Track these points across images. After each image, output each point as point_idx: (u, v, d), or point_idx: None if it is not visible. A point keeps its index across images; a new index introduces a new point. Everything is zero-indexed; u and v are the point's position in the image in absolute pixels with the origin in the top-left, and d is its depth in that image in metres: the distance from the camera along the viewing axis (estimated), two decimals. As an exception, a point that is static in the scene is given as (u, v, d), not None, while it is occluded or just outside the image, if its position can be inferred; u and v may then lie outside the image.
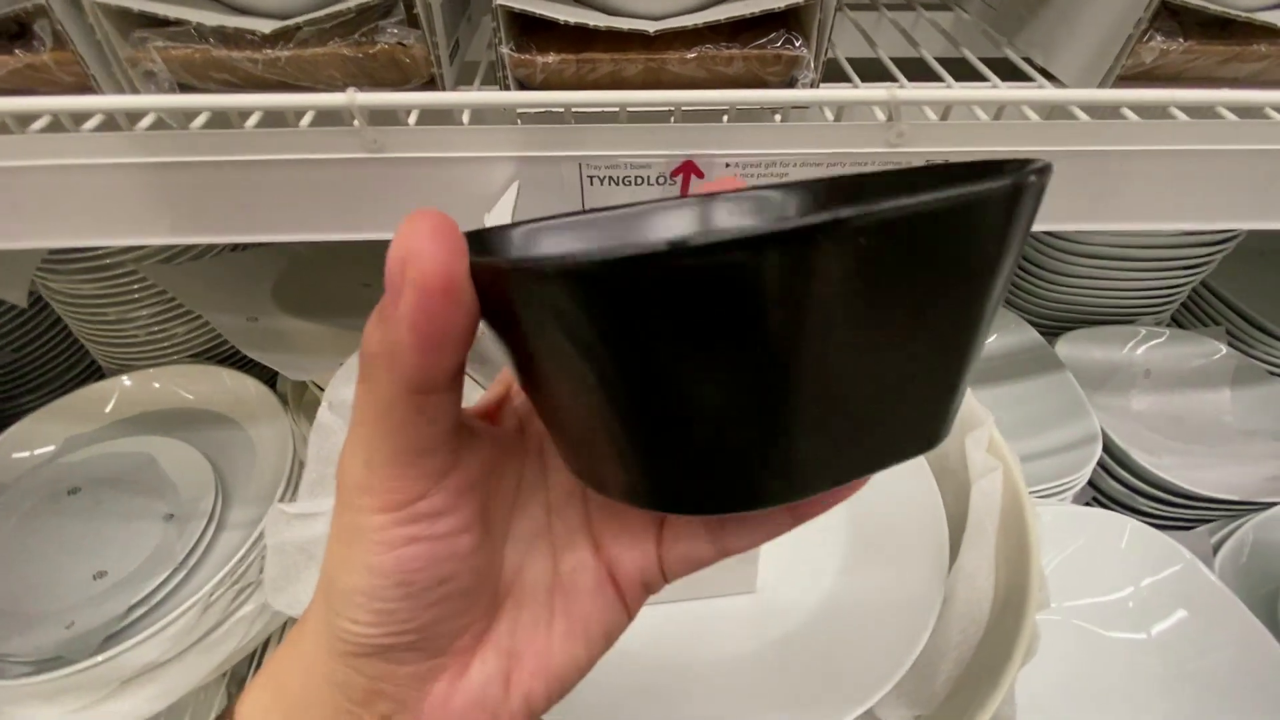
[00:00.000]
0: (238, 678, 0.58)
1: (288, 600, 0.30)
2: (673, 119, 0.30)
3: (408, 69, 0.30)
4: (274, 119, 0.30)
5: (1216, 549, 0.54)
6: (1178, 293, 0.69)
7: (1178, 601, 0.47)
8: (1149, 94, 0.29)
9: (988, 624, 0.32)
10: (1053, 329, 0.69)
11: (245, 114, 0.30)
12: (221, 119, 0.31)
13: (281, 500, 0.47)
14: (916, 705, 0.29)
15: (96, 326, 0.60)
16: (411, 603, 0.13)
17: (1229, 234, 0.63)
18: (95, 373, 0.67)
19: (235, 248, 0.62)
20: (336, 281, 0.65)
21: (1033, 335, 0.64)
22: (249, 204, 0.30)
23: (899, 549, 0.36)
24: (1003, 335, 0.65)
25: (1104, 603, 0.48)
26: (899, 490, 0.39)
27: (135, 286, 0.58)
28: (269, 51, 0.29)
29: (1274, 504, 0.55)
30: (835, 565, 0.36)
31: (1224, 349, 0.68)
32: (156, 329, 0.61)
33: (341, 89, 0.28)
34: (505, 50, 0.28)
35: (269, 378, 0.60)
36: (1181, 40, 0.31)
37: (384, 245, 0.12)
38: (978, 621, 0.31)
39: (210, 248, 0.59)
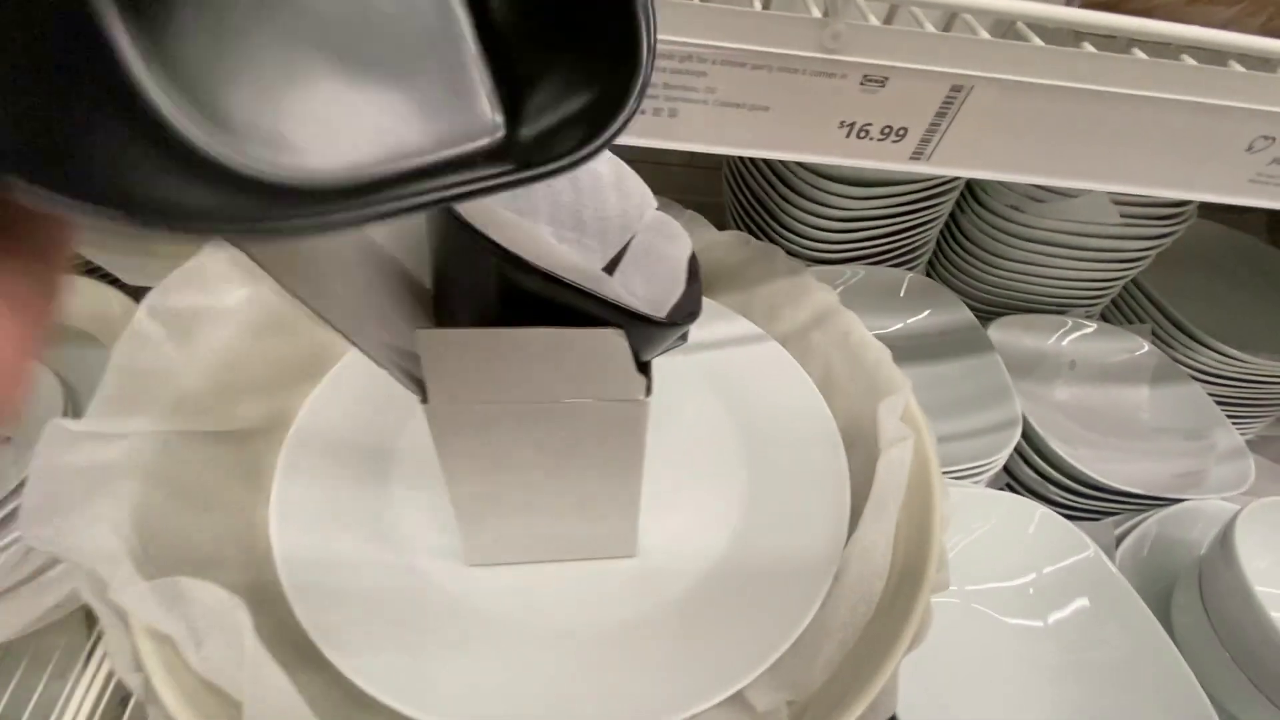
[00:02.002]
0: (95, 617, 0.52)
1: (50, 534, 0.24)
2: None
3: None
4: None
5: (1119, 540, 0.54)
6: (1111, 286, 0.69)
7: (1077, 591, 0.46)
8: (1120, 20, 0.26)
9: (879, 604, 0.29)
10: (986, 313, 0.67)
11: None
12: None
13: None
14: (791, 689, 0.26)
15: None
16: None
17: (1169, 229, 0.62)
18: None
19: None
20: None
21: (967, 315, 0.62)
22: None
23: (796, 516, 0.33)
24: (937, 313, 0.62)
25: (1005, 588, 0.47)
26: (804, 459, 0.35)
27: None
28: None
29: (1179, 500, 0.55)
30: (726, 531, 0.33)
31: (1147, 346, 0.68)
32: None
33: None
34: None
35: (138, 294, 0.52)
36: (1155, -33, 0.27)
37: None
38: (869, 600, 0.28)
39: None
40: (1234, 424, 0.62)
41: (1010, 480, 0.60)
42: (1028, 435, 0.56)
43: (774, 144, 0.28)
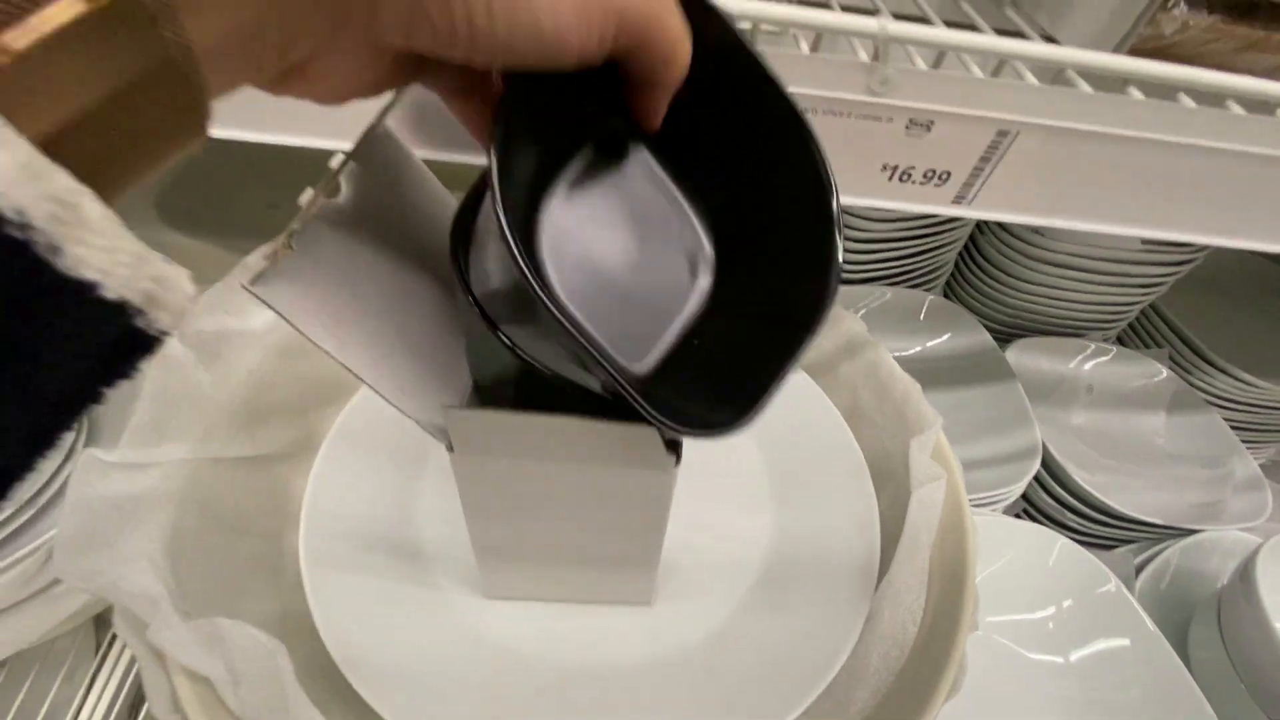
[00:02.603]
0: (106, 623, 0.52)
1: (83, 570, 0.24)
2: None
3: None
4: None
5: (1139, 570, 0.53)
6: (1130, 310, 0.68)
7: (1100, 628, 0.45)
8: (1169, 69, 0.25)
9: (912, 649, 0.28)
10: (1004, 334, 0.67)
11: None
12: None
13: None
14: (825, 737, 0.26)
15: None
16: None
17: (1190, 255, 0.62)
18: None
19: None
20: (237, 199, 0.57)
21: (985, 338, 0.62)
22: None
23: (824, 557, 0.32)
24: (956, 336, 0.62)
25: (1025, 621, 0.47)
26: (832, 496, 0.35)
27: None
28: None
29: (1197, 531, 0.55)
30: (752, 573, 0.33)
31: (1165, 372, 0.67)
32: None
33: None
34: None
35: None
36: (1206, 14, 0.27)
37: (299, 163, 0.12)
38: (901, 645, 0.28)
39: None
40: (1249, 448, 0.62)
41: (1027, 506, 0.60)
42: (1045, 461, 0.56)
43: (817, 186, 0.28)
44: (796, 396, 0.40)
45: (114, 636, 0.51)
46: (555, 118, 0.19)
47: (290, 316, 0.18)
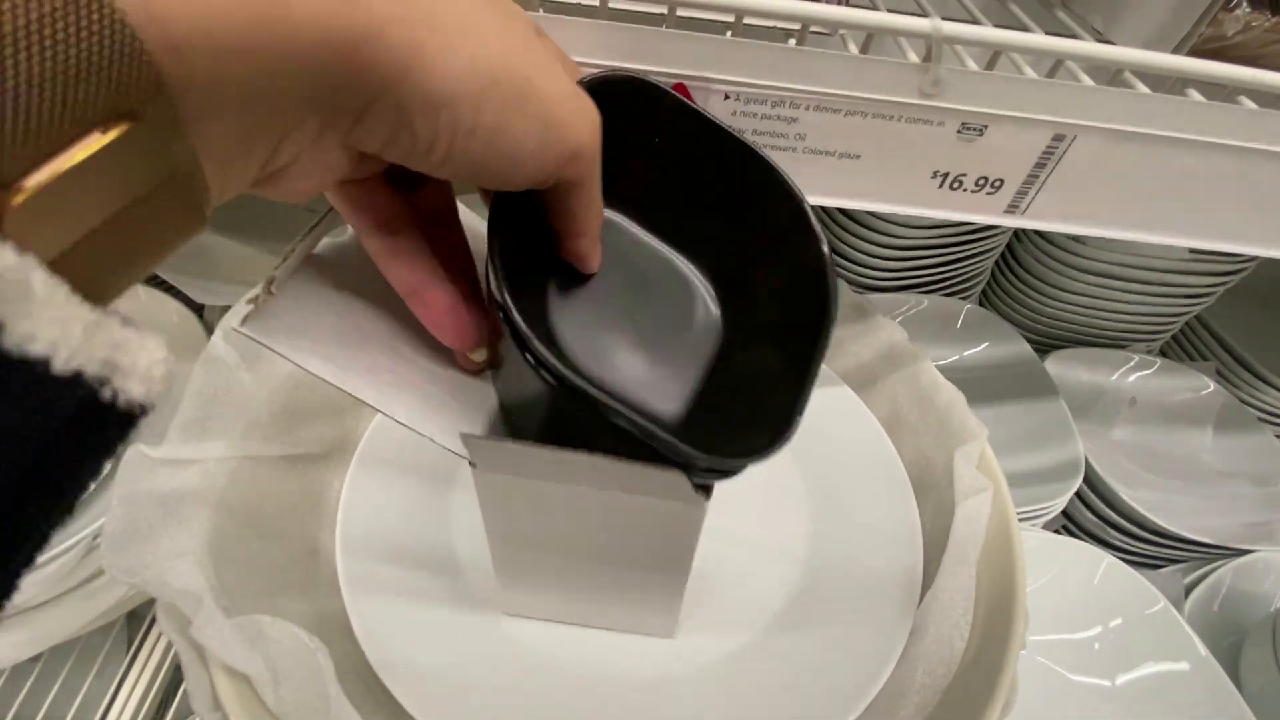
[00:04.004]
0: (139, 618, 0.53)
1: (129, 564, 0.24)
2: (665, 24, 0.25)
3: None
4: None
5: (1188, 590, 0.51)
6: (1174, 322, 0.66)
7: (1147, 650, 0.44)
8: (1231, 69, 0.24)
9: (960, 666, 0.27)
10: (1042, 345, 0.66)
11: None
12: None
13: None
14: (869, 756, 0.25)
15: None
16: None
17: (1239, 265, 0.60)
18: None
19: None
20: (276, 203, 0.58)
21: (1025, 349, 0.60)
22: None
23: (864, 572, 0.32)
24: (994, 346, 0.61)
25: (1069, 641, 0.45)
26: (872, 507, 0.34)
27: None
28: None
29: (1248, 551, 0.53)
30: (791, 585, 0.32)
31: (1212, 386, 0.65)
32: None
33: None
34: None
35: (198, 305, 0.53)
36: (1270, 14, 0.26)
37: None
38: (948, 663, 0.27)
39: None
40: (1300, 467, 0.60)
41: (1067, 522, 0.58)
42: (1088, 476, 0.54)
43: (863, 194, 0.27)
44: (833, 404, 0.39)
45: (146, 633, 0.52)
46: (534, 225, 0.20)
47: (284, 352, 0.18)
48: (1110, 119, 0.25)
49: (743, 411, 0.21)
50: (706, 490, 0.20)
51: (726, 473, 0.20)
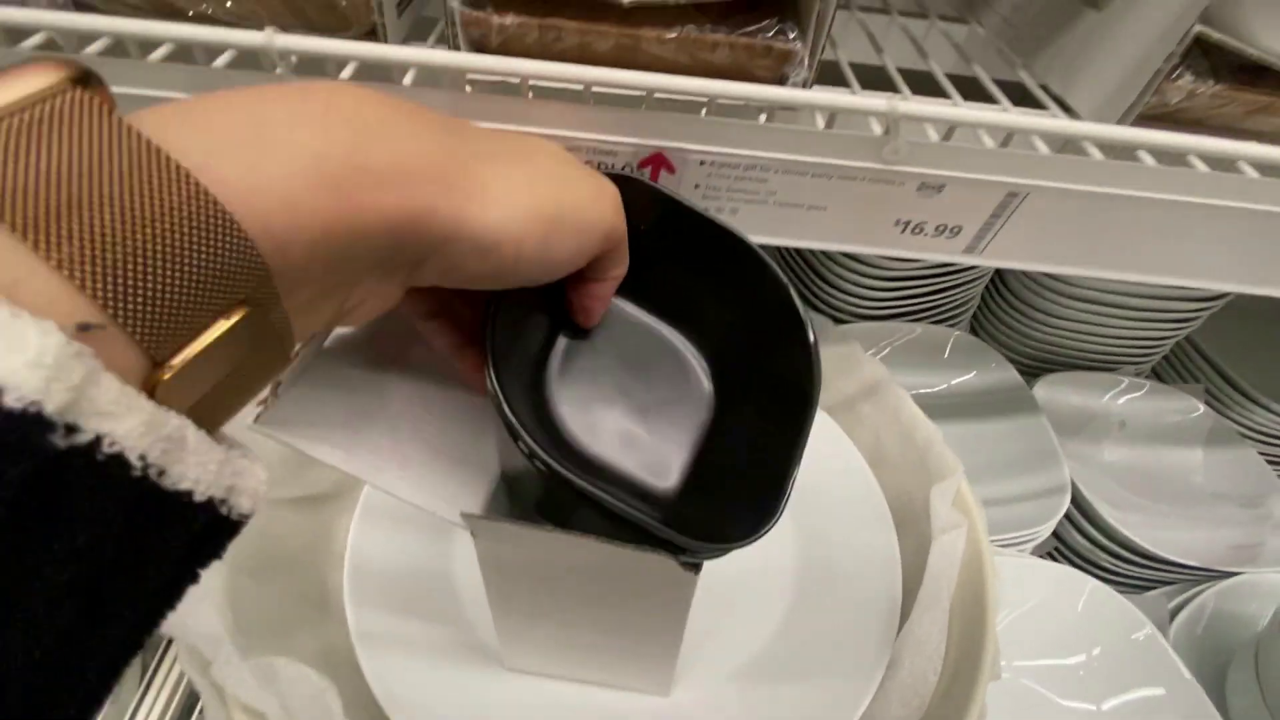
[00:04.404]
0: (153, 645, 0.55)
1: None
2: (645, 105, 0.27)
3: (345, 14, 0.26)
4: (183, 55, 0.26)
5: (1173, 614, 0.52)
6: (1162, 345, 0.67)
7: (1133, 675, 0.45)
8: (1174, 137, 0.26)
9: (933, 697, 0.29)
10: (1032, 369, 0.67)
11: (149, 45, 0.26)
12: (124, 48, 0.26)
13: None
14: (845, 785, 0.26)
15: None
16: None
17: (1223, 292, 0.61)
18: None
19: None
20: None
21: (1012, 375, 0.62)
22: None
23: (846, 605, 0.33)
24: (982, 373, 0.62)
25: (1056, 666, 0.46)
26: (855, 540, 0.36)
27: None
28: (181, -26, 0.25)
29: (1235, 574, 0.54)
30: (777, 615, 0.33)
31: (1201, 408, 0.66)
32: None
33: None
34: (455, 4, 0.24)
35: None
36: (1211, 83, 0.28)
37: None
38: (921, 695, 0.29)
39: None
40: (1291, 487, 0.61)
41: (1058, 544, 0.59)
42: (1077, 500, 0.55)
43: (830, 237, 0.29)
44: (819, 440, 0.41)
45: (160, 660, 0.54)
46: (533, 305, 0.22)
47: (294, 443, 0.20)
48: (1061, 180, 0.27)
49: (732, 490, 0.23)
50: (695, 568, 0.21)
51: (714, 554, 0.21)
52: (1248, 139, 0.29)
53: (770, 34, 0.25)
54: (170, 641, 0.49)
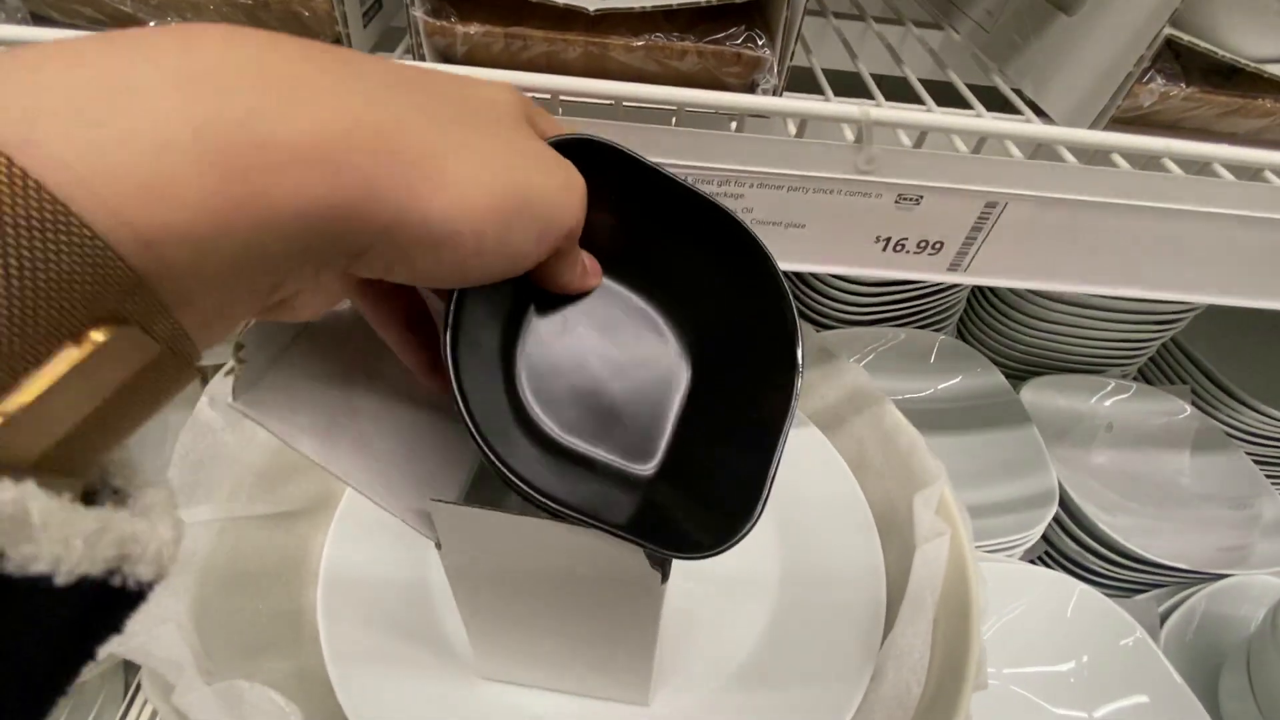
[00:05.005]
0: (135, 665, 0.54)
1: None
2: (616, 115, 0.26)
3: (309, 25, 0.25)
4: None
5: (1164, 617, 0.52)
6: (1147, 347, 0.68)
7: (1123, 681, 0.44)
8: (1146, 140, 0.26)
9: (917, 708, 0.28)
10: (1018, 373, 0.67)
11: (108, 57, 0.25)
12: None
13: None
14: (829, 801, 0.26)
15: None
16: None
17: (1204, 293, 0.61)
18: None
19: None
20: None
21: (999, 379, 0.61)
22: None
23: (830, 615, 0.33)
24: (968, 378, 0.62)
25: (1047, 673, 0.46)
26: (839, 548, 0.35)
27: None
28: (139, -14, 0.24)
29: (1225, 575, 0.54)
30: (759, 627, 0.33)
31: (1188, 409, 0.66)
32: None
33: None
34: (418, 14, 0.24)
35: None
36: (1183, 85, 0.28)
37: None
38: (906, 706, 0.28)
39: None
40: (1277, 487, 0.61)
41: (1049, 549, 0.59)
42: (1065, 504, 0.55)
43: (812, 258, 0.29)
44: (803, 447, 0.41)
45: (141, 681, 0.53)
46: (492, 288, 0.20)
47: (276, 430, 0.19)
48: (1037, 187, 0.27)
49: (710, 486, 0.22)
50: (663, 571, 0.21)
51: (686, 556, 0.20)
52: (1222, 141, 0.29)
53: (739, 41, 0.25)
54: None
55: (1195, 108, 0.29)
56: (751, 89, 0.27)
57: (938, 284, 0.60)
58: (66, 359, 0.10)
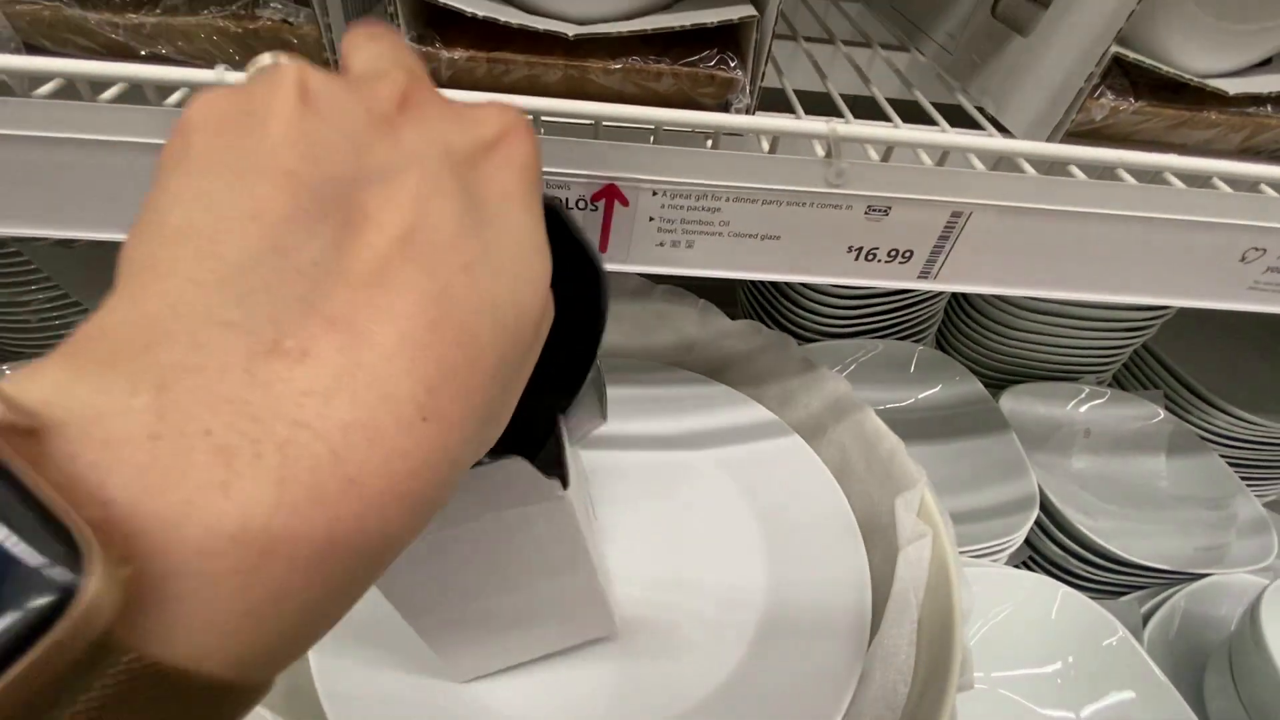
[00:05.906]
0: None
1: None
2: (596, 135, 0.28)
3: (298, 52, 0.26)
4: (138, 95, 0.27)
5: (1146, 618, 0.53)
6: (1120, 353, 0.69)
7: (1109, 681, 0.45)
8: (1098, 152, 0.28)
9: (904, 709, 0.29)
10: (997, 381, 0.68)
11: (101, 85, 0.26)
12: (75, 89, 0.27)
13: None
14: (820, 802, 0.26)
15: (-17, 310, 0.55)
16: None
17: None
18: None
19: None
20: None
21: (978, 388, 0.63)
22: (98, 191, 0.26)
23: (816, 619, 0.33)
24: (948, 387, 0.63)
25: (1033, 675, 0.47)
26: (824, 554, 0.36)
27: (26, 270, 0.53)
28: (132, 16, 0.25)
29: (1204, 575, 0.55)
30: (747, 633, 0.33)
31: (1161, 413, 0.68)
32: (51, 315, 0.56)
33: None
34: (404, 40, 0.25)
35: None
36: (1132, 100, 0.30)
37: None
38: (893, 707, 0.29)
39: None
40: (1252, 489, 0.62)
41: (1033, 553, 0.60)
42: (1046, 508, 0.56)
43: (786, 268, 0.30)
44: (786, 454, 0.41)
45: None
46: None
47: None
48: (999, 197, 0.28)
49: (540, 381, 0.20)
50: (562, 478, 0.20)
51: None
52: (1173, 152, 0.31)
53: (712, 63, 0.26)
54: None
55: (1145, 121, 0.30)
56: (725, 108, 0.28)
57: (915, 295, 0.61)
58: None
